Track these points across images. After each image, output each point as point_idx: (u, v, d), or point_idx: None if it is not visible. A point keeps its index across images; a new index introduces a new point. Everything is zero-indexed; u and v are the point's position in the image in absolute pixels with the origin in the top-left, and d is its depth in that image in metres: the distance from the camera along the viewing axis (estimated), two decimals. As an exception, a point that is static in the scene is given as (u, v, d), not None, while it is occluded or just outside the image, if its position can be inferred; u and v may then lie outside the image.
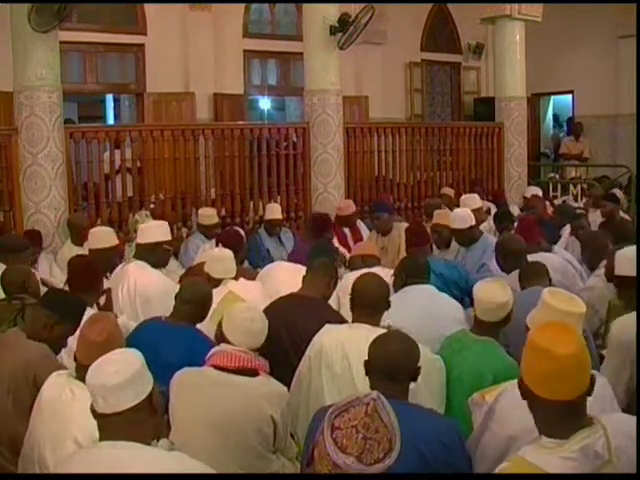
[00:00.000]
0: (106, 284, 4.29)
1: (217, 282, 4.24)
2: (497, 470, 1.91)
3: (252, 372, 2.88)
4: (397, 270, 4.12)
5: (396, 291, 4.00)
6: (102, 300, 4.07)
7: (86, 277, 3.85)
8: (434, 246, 5.58)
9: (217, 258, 4.38)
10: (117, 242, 4.97)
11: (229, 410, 2.79)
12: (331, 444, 1.73)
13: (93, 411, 2.06)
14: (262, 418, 2.81)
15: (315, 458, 1.79)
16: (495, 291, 3.18)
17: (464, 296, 4.56)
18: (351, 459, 1.72)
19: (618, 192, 8.61)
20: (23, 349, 3.00)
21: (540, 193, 8.02)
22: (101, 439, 2.05)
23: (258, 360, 2.95)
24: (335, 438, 1.74)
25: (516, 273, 4.23)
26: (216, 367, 2.87)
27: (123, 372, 2.02)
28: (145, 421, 2.07)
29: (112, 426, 2.01)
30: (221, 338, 2.99)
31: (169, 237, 4.76)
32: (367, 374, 2.59)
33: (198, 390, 2.85)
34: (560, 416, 1.87)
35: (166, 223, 4.93)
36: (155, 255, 4.55)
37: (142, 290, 4.33)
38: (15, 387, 2.92)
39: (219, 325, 3.06)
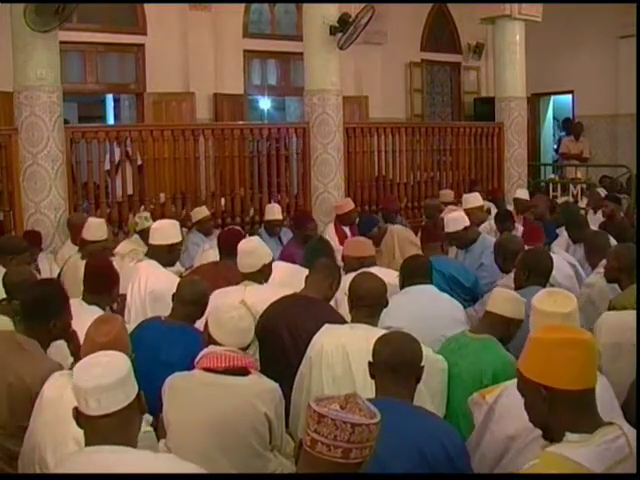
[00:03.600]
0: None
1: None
2: (526, 468, 1.86)
3: (242, 371, 2.86)
4: (399, 270, 4.13)
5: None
6: (115, 306, 4.03)
7: (101, 281, 3.81)
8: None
9: (242, 251, 4.18)
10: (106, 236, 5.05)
11: (223, 411, 2.77)
12: (313, 403, 1.80)
13: (78, 414, 2.02)
14: (256, 417, 2.81)
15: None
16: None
17: (468, 297, 4.56)
18: (335, 406, 1.78)
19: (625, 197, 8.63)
20: (35, 364, 2.96)
21: (527, 196, 7.52)
22: (88, 443, 2.02)
23: (247, 358, 2.93)
24: (317, 401, 1.81)
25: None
26: (206, 369, 2.84)
27: (115, 372, 2.01)
28: (133, 421, 2.07)
29: (101, 428, 1.99)
30: (208, 340, 2.96)
31: (181, 237, 4.76)
32: (372, 376, 2.58)
33: (189, 394, 2.83)
34: (587, 406, 1.86)
35: (177, 222, 4.93)
36: (170, 256, 4.57)
37: (152, 289, 4.32)
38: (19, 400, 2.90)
39: (205, 326, 3.02)
